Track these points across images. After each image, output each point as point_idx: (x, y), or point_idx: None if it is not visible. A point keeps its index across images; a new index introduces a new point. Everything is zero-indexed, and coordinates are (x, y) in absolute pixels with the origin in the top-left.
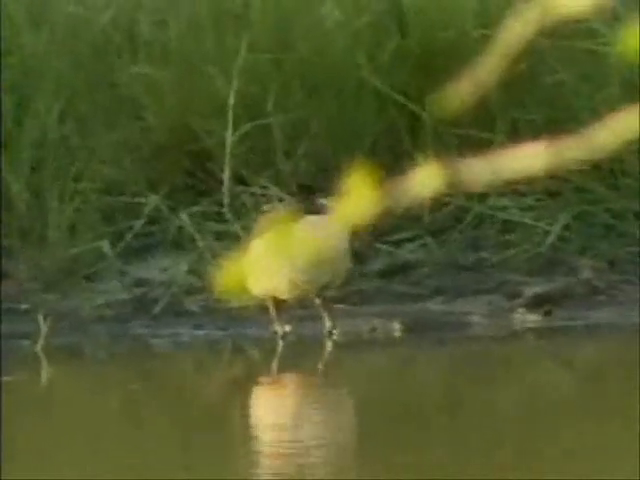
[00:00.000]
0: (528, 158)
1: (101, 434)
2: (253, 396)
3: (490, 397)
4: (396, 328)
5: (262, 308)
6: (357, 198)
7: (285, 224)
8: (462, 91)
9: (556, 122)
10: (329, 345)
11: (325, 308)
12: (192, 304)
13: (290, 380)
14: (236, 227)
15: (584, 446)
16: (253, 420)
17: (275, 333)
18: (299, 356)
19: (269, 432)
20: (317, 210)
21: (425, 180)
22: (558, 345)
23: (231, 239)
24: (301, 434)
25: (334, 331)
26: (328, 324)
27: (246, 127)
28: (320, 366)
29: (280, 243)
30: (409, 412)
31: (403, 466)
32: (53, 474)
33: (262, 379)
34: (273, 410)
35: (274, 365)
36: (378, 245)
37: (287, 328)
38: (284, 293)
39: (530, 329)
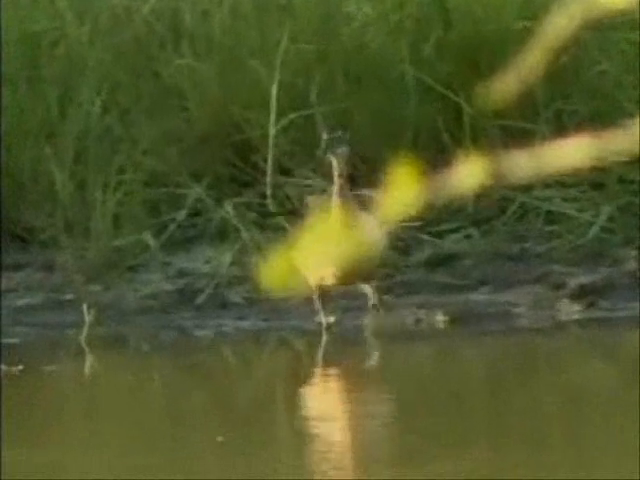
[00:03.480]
0: (572, 151)
1: (144, 425)
2: (297, 387)
3: (534, 388)
4: (440, 319)
5: (306, 299)
6: (400, 190)
7: (331, 214)
8: (507, 84)
9: (600, 113)
10: (371, 336)
11: (371, 289)
12: (235, 295)
13: (334, 371)
14: (279, 218)
15: (628, 438)
16: (297, 411)
17: (320, 324)
18: (343, 347)
19: (313, 423)
20: (360, 201)
21: (469, 173)
22: (602, 336)
23: (274, 230)
24: (345, 425)
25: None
26: (372, 299)
27: (289, 118)
28: (363, 357)
29: (327, 232)
30: (453, 404)
31: (445, 458)
32: (96, 464)
33: (306, 370)
34: (317, 401)
35: (318, 356)
36: (422, 236)
37: (331, 319)
38: (334, 281)
39: (574, 320)
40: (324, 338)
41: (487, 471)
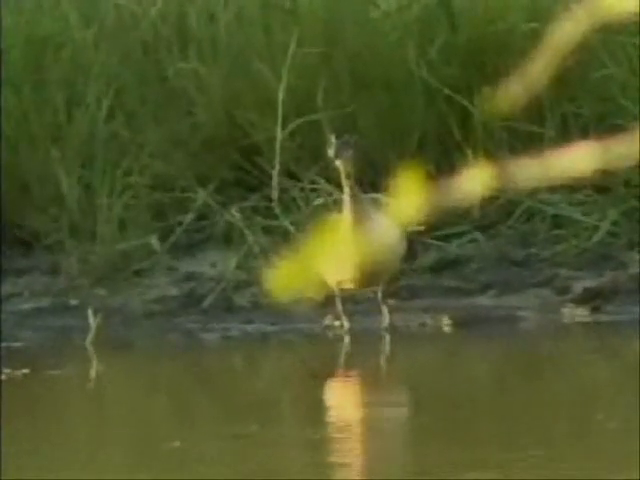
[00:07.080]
0: (578, 159)
1: (150, 428)
2: (303, 390)
3: (539, 391)
4: (446, 323)
5: (311, 303)
6: (408, 196)
7: (345, 218)
8: (515, 90)
9: (605, 116)
10: (377, 340)
11: (384, 303)
12: (241, 299)
13: (340, 374)
14: (285, 222)
15: (633, 440)
16: (303, 414)
17: (326, 328)
18: (348, 351)
19: (319, 426)
20: (369, 204)
21: (476, 181)
22: (606, 339)
23: (280, 234)
24: (352, 428)
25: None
26: (386, 319)
27: (296, 123)
28: (370, 361)
29: (343, 236)
30: (459, 407)
31: (453, 460)
32: (102, 468)
33: (312, 374)
34: (324, 404)
35: (324, 360)
36: (428, 240)
37: (336, 323)
38: (353, 284)
39: (579, 323)
40: (346, 341)
41: (494, 472)
